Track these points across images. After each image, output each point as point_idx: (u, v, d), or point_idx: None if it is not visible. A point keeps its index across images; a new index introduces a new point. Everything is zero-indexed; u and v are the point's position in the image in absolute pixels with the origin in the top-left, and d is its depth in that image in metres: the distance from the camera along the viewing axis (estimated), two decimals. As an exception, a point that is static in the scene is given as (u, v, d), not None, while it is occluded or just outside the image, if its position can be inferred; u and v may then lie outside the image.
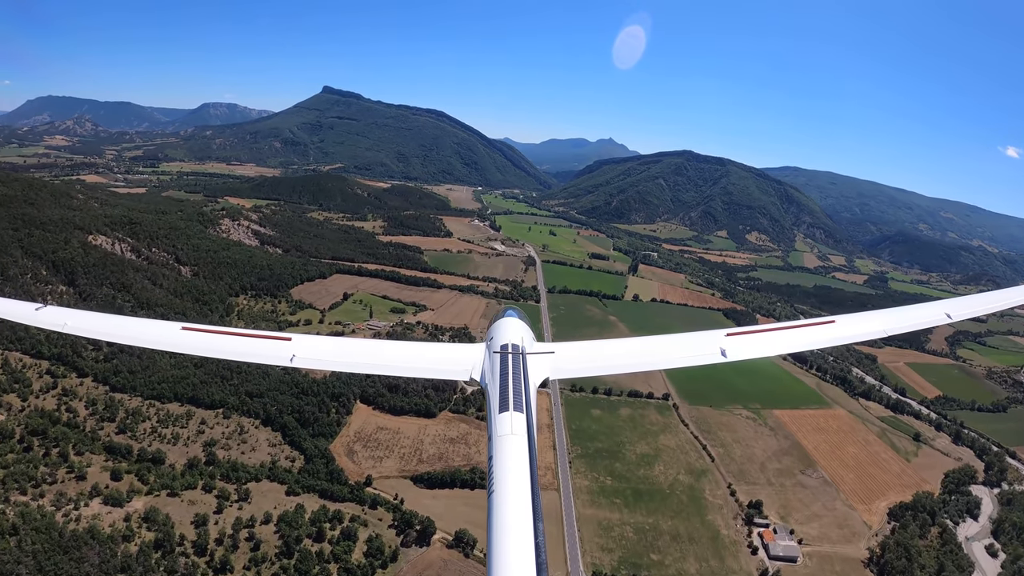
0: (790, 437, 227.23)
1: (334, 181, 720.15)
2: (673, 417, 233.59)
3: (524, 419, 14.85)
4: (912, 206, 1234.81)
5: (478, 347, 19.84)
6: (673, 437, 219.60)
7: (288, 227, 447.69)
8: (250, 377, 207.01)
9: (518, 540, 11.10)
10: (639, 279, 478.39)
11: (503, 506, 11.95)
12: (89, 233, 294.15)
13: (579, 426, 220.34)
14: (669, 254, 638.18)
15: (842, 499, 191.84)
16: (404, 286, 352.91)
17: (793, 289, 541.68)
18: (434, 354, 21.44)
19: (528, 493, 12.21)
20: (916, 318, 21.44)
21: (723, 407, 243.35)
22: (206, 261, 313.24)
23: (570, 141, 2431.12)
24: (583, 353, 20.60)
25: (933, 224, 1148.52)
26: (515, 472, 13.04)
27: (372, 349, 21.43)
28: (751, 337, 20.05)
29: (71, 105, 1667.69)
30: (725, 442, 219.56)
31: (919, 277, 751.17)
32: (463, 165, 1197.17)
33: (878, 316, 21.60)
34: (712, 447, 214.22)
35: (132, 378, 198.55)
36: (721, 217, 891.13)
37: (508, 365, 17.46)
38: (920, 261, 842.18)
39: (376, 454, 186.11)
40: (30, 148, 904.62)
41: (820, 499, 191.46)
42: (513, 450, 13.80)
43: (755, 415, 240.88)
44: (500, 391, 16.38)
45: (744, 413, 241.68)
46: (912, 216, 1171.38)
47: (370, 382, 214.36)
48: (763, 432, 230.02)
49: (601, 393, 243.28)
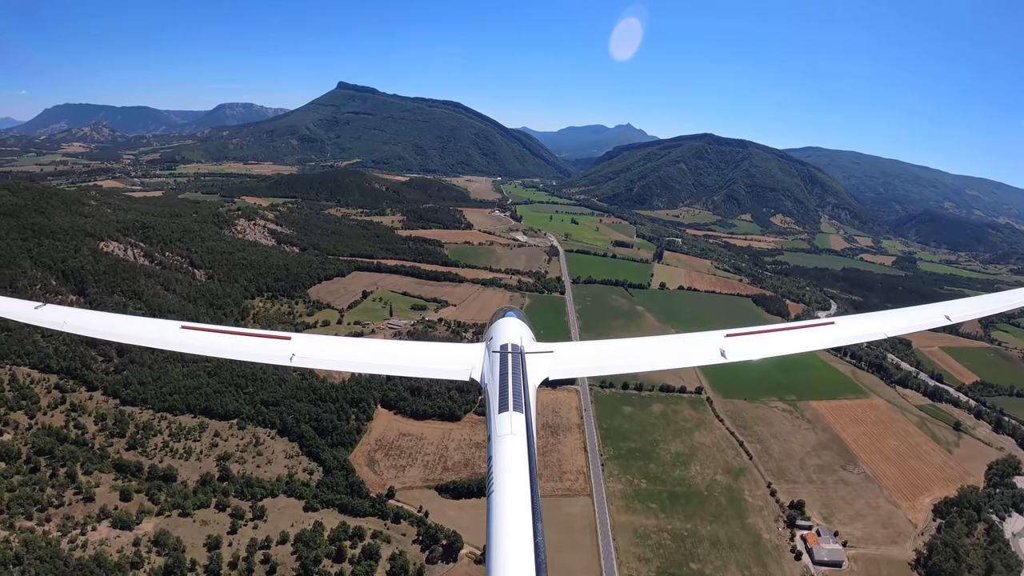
0: (829, 430, 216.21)
1: (351, 176, 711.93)
2: (707, 412, 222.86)
3: (523, 419, 14.76)
4: (937, 184, 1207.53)
5: (478, 347, 19.78)
6: (708, 434, 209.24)
7: (305, 225, 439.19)
8: (266, 384, 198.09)
9: (517, 540, 11.07)
10: (664, 266, 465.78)
11: (502, 506, 11.95)
12: (101, 240, 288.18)
13: (610, 425, 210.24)
14: (694, 240, 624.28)
15: (885, 496, 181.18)
16: (425, 281, 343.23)
17: (821, 273, 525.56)
18: (433, 354, 21.18)
19: (528, 493, 12.18)
20: (916, 320, 21.60)
21: (758, 400, 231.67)
22: (221, 263, 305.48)
23: (588, 128, 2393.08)
24: (582, 353, 20.89)
25: (959, 202, 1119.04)
26: (514, 472, 12.98)
27: (371, 349, 21.45)
28: (750, 338, 20.15)
29: (88, 112, 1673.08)
30: (762, 437, 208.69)
31: (947, 257, 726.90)
32: (481, 156, 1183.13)
33: (878, 317, 21.88)
34: (749, 443, 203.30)
35: (143, 390, 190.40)
36: (744, 200, 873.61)
37: (508, 365, 17.43)
38: (947, 240, 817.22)
39: (398, 463, 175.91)
40: (48, 156, 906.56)
41: (863, 496, 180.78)
42: (512, 450, 13.74)
43: (791, 407, 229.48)
44: (500, 391, 16.27)
45: (780, 406, 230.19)
46: (937, 194, 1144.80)
47: (391, 385, 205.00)
48: (801, 425, 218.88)
49: (632, 388, 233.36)
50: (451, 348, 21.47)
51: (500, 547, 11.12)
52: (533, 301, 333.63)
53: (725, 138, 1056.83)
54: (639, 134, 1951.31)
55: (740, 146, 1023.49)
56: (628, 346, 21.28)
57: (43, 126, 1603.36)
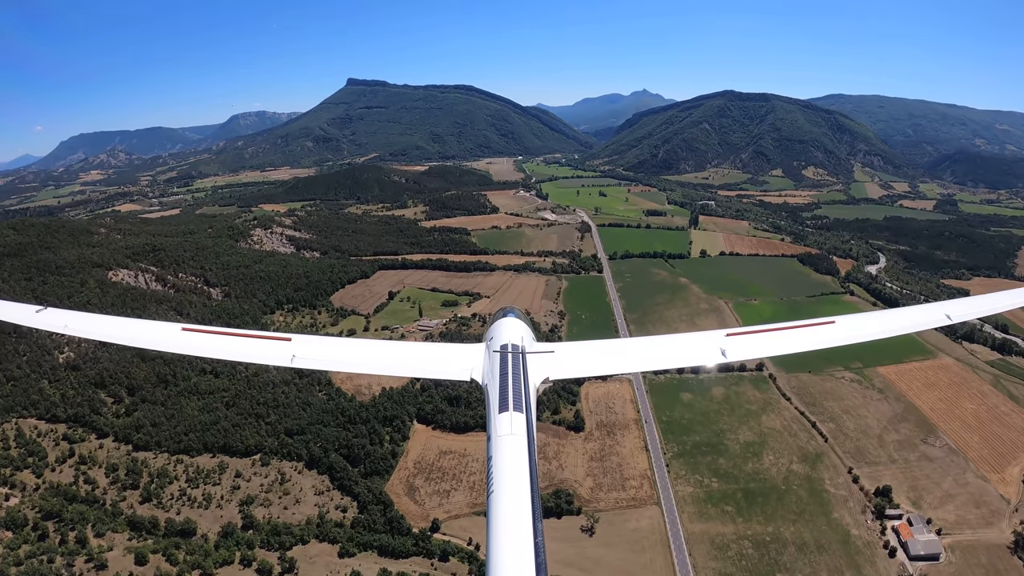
0: (902, 399, 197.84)
1: (369, 171, 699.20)
2: (772, 391, 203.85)
3: (524, 419, 14.71)
4: (966, 121, 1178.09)
5: (478, 347, 19.62)
6: (777, 416, 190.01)
7: (325, 227, 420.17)
8: (289, 411, 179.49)
9: (517, 540, 11.05)
10: (702, 232, 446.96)
11: (502, 506, 11.93)
12: (109, 269, 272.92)
13: (670, 417, 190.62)
14: (727, 201, 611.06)
15: (972, 469, 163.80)
16: (454, 274, 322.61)
17: (863, 224, 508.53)
18: (434, 354, 21.02)
19: (528, 493, 12.17)
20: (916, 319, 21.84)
21: (823, 371, 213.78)
22: (237, 279, 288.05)
23: (604, 98, 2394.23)
24: (583, 353, 20.28)
25: (990, 138, 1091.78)
26: (515, 472, 12.94)
27: (372, 349, 20.85)
28: (751, 337, 19.97)
29: (103, 139, 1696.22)
30: (834, 414, 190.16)
31: (988, 196, 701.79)
32: (499, 136, 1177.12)
33: (877, 317, 21.79)
34: (822, 423, 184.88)
35: (156, 432, 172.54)
36: (773, 155, 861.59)
37: (508, 365, 17.31)
38: (984, 179, 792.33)
39: (441, 487, 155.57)
40: (66, 188, 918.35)
41: (949, 472, 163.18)
42: (513, 450, 13.66)
43: (859, 376, 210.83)
44: (500, 391, 16.14)
45: (847, 376, 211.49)
46: (967, 132, 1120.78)
47: (427, 396, 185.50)
48: (872, 396, 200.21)
49: (689, 372, 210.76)
50: (451, 348, 20.63)
51: (500, 547, 11.00)
52: (570, 283, 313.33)
53: (746, 93, 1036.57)
54: (656, 99, 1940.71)
55: (763, 100, 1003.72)
56: (629, 346, 21.33)
57: (61, 158, 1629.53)
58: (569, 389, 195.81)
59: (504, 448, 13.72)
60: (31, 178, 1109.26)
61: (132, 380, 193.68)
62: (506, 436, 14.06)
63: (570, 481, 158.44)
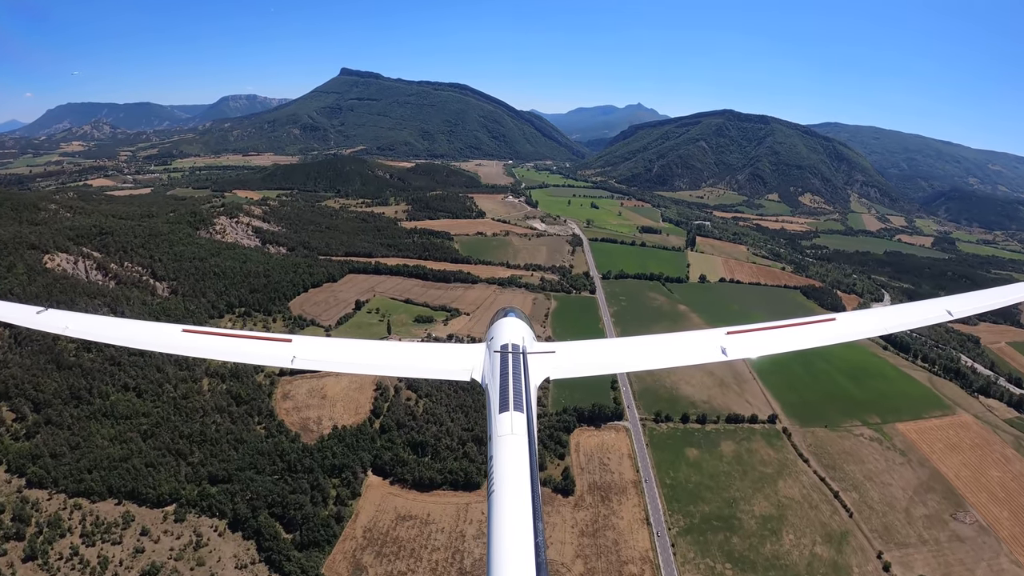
0: (926, 464, 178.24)
1: (353, 164, 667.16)
2: (787, 449, 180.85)
3: (524, 419, 14.63)
4: (960, 159, 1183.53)
5: (478, 347, 19.43)
6: (795, 483, 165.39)
7: (297, 220, 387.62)
8: (217, 449, 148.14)
9: (518, 540, 10.99)
10: (699, 255, 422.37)
11: (503, 506, 11.85)
12: (46, 252, 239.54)
13: (675, 479, 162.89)
14: (723, 223, 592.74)
15: (1006, 552, 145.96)
16: (431, 284, 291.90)
17: (864, 257, 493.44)
18: (434, 354, 20.71)
19: (528, 493, 12.12)
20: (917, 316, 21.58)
21: (839, 426, 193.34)
22: (188, 273, 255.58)
23: (598, 109, 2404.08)
24: (583, 353, 19.96)
25: (983, 177, 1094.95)
26: (515, 472, 12.88)
27: (372, 349, 20.45)
28: (751, 336, 19.73)
29: (91, 110, 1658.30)
30: (856, 481, 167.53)
31: (984, 236, 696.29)
32: (491, 139, 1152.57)
33: (877, 314, 21.81)
34: (844, 492, 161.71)
35: (55, 466, 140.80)
36: (770, 179, 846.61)
37: (508, 365, 17.23)
38: (978, 218, 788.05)
39: (395, 568, 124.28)
40: (44, 157, 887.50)
41: (983, 556, 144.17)
42: (513, 450, 13.60)
43: (878, 434, 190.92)
44: (500, 391, 16.05)
45: (866, 433, 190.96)
46: (960, 170, 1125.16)
47: (387, 440, 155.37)
48: (894, 459, 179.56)
49: (694, 421, 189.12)
50: (452, 348, 20.87)
51: (500, 547, 10.90)
52: (560, 303, 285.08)
53: (746, 114, 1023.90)
54: (650, 113, 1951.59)
55: (762, 122, 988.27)
56: (629, 345, 20.73)
57: (46, 127, 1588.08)
58: (557, 439, 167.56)
59: (505, 448, 13.58)
60: (11, 144, 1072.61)
61: (40, 393, 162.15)
62: (507, 436, 13.92)
63: (556, 564, 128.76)
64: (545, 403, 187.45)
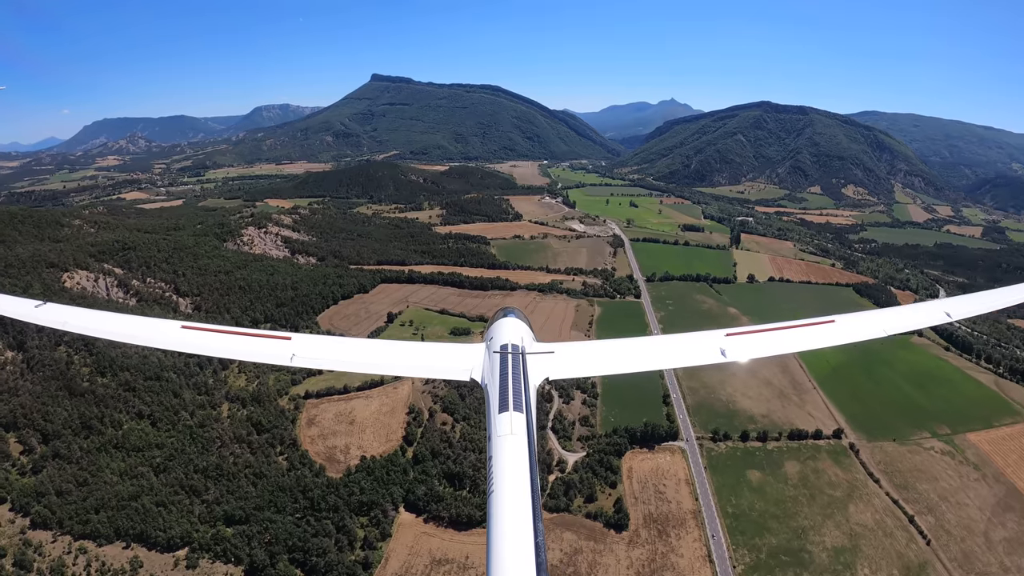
0: (1001, 479, 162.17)
1: (385, 169, 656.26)
2: (855, 467, 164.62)
3: (524, 419, 14.62)
4: (1002, 144, 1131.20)
5: (478, 347, 19.47)
6: (867, 507, 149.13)
7: (328, 228, 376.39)
8: (235, 484, 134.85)
9: (518, 540, 10.95)
10: (745, 252, 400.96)
11: (503, 506, 11.82)
12: (65, 270, 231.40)
13: (737, 507, 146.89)
14: (766, 218, 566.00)
15: None
16: (468, 292, 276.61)
17: (914, 250, 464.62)
18: (434, 354, 20.68)
19: (528, 493, 12.08)
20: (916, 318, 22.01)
21: (908, 439, 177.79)
22: (213, 288, 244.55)
23: (631, 106, 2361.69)
24: (583, 353, 20.17)
25: None
26: (515, 472, 12.85)
27: (372, 349, 20.88)
28: (751, 337, 19.74)
29: (126, 125, 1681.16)
30: (931, 503, 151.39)
31: None
32: (525, 139, 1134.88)
33: (877, 315, 21.40)
34: (920, 515, 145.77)
35: (61, 505, 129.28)
36: (811, 171, 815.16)
37: (508, 365, 17.19)
38: None
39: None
40: (79, 172, 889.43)
41: None
42: (513, 450, 13.57)
43: (949, 446, 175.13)
44: (500, 391, 16.03)
45: (937, 446, 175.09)
46: (1003, 155, 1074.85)
47: (419, 473, 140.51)
48: (968, 475, 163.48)
49: (754, 439, 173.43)
50: (451, 348, 20.46)
51: (500, 547, 10.89)
52: (604, 309, 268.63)
53: (783, 105, 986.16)
54: (684, 108, 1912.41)
55: (800, 113, 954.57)
56: (628, 345, 20.55)
57: (83, 143, 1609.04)
58: (608, 464, 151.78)
59: (504, 448, 13.54)
60: (48, 160, 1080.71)
61: (50, 423, 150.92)
62: (506, 436, 13.87)
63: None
64: (593, 423, 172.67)
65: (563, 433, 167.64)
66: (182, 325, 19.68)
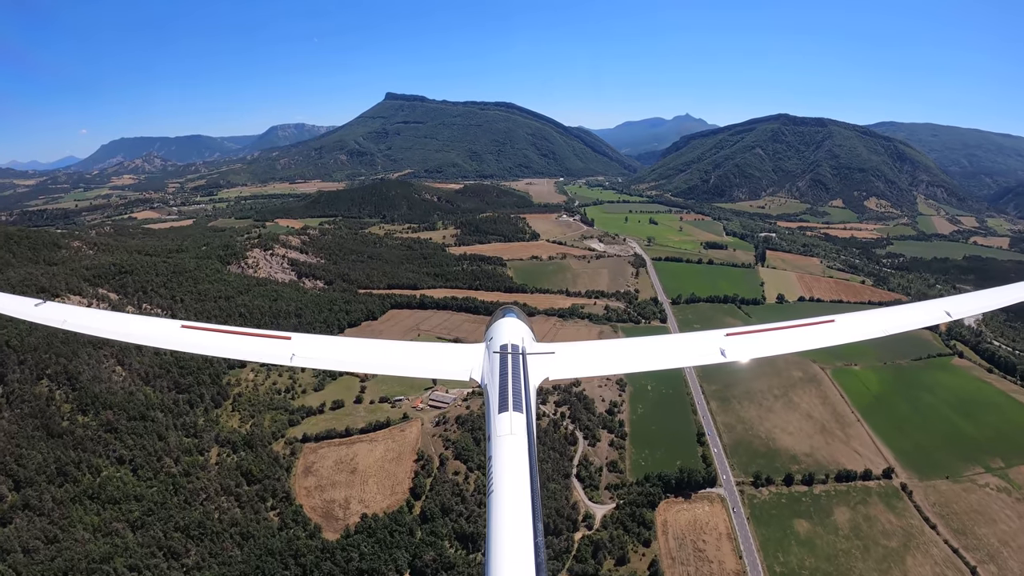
0: None
1: (399, 187, 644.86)
2: (910, 512, 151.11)
3: (524, 419, 14.47)
4: (1022, 152, 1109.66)
5: (478, 347, 19.19)
6: (925, 558, 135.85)
7: (337, 250, 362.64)
8: (218, 546, 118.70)
9: (517, 540, 10.87)
10: (771, 271, 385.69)
11: (502, 506, 11.72)
12: (56, 295, 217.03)
13: (785, 565, 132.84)
14: (789, 234, 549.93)
15: None
16: (483, 319, 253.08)
17: (943, 264, 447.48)
18: (433, 354, 20.59)
19: (528, 493, 11.98)
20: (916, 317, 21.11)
21: (962, 475, 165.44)
22: (212, 315, 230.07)
23: (646, 122, 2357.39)
24: (583, 353, 19.76)
25: None
26: (515, 472, 12.73)
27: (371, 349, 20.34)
28: (751, 337, 19.32)
29: (143, 144, 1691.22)
30: (992, 549, 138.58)
31: None
32: (540, 156, 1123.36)
33: (877, 315, 21.10)
34: (981, 565, 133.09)
35: (27, 563, 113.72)
36: (832, 185, 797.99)
37: (508, 365, 16.99)
38: None
39: None
40: (93, 191, 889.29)
41: None
42: (512, 450, 13.48)
43: (1004, 481, 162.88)
44: (500, 391, 15.84)
45: (992, 483, 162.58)
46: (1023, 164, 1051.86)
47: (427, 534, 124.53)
48: None
49: (799, 482, 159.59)
50: (451, 348, 20.56)
51: (500, 547, 10.80)
52: (628, 335, 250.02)
53: (801, 117, 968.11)
54: (699, 123, 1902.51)
55: (819, 125, 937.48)
56: (628, 346, 20.23)
57: (100, 162, 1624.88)
58: (640, 518, 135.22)
59: (504, 448, 13.46)
60: (64, 179, 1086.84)
61: (23, 468, 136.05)
62: (506, 436, 13.78)
63: None
64: (622, 468, 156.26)
65: (589, 481, 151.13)
66: (182, 324, 19.25)
